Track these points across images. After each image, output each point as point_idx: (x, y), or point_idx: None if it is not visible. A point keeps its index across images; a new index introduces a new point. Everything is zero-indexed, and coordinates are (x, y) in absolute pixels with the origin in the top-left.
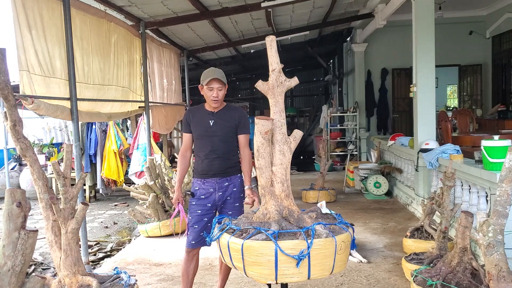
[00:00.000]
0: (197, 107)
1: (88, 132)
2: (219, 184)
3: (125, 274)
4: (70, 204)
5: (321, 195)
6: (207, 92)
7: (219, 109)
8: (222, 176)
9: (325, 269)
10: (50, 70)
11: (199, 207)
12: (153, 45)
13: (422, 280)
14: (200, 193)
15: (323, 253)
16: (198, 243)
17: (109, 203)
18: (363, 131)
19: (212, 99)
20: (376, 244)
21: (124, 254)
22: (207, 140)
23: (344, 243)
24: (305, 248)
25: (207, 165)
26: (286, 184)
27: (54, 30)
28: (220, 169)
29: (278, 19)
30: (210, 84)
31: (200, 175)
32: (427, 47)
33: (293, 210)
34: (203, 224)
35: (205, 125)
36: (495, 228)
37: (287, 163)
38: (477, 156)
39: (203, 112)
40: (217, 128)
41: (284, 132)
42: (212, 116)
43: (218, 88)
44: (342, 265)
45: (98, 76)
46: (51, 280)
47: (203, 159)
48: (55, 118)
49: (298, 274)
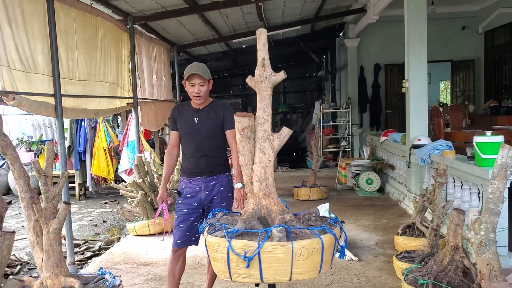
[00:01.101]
0: (184, 104)
1: (77, 129)
2: (205, 183)
3: (109, 275)
4: (51, 203)
5: (313, 192)
6: (189, 88)
7: (204, 105)
8: (208, 175)
9: (279, 274)
10: (32, 65)
11: (185, 206)
12: (142, 40)
13: (413, 279)
14: (186, 192)
15: (277, 257)
16: (184, 243)
17: (99, 201)
18: (356, 127)
19: (194, 95)
20: (368, 242)
21: (112, 253)
22: (192, 138)
23: (306, 250)
24: (250, 250)
25: (193, 164)
26: (265, 183)
27: (37, 24)
28: (206, 167)
29: (270, 14)
30: (191, 80)
31: (186, 173)
32: (419, 42)
33: (272, 209)
34: (189, 224)
35: (190, 122)
36: (487, 226)
37: (267, 161)
38: (469, 152)
39: (189, 109)
40: (202, 126)
41: (266, 129)
42: (196, 113)
43: (200, 84)
44: (307, 273)
45: (84, 71)
46: (33, 282)
47: (189, 157)
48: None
49: (249, 275)
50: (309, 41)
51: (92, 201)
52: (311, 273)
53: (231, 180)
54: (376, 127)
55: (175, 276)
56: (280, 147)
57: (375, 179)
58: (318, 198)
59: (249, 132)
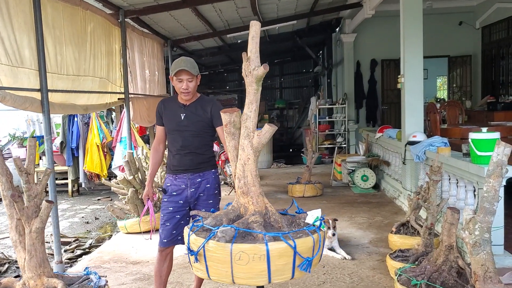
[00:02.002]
0: (170, 99)
1: (70, 125)
2: (191, 180)
3: (94, 275)
4: (34, 202)
5: (307, 189)
6: (176, 83)
7: (191, 101)
8: (194, 172)
9: (222, 274)
10: (18, 59)
11: (170, 204)
12: (134, 34)
13: (406, 279)
14: (172, 189)
15: (217, 257)
16: (171, 242)
17: (92, 197)
18: (352, 123)
19: (182, 91)
20: (361, 240)
21: (101, 251)
22: (178, 135)
23: (246, 254)
24: (197, 246)
25: (178, 161)
26: (243, 181)
27: (22, 17)
28: (192, 164)
29: (264, 8)
30: (179, 75)
31: (172, 170)
32: (415, 38)
33: (248, 208)
34: (175, 222)
35: (176, 119)
36: (481, 226)
37: (246, 158)
38: (465, 149)
39: (175, 104)
40: (188, 123)
41: (248, 126)
42: (183, 109)
43: (188, 80)
44: (250, 279)
45: (73, 66)
46: (15, 282)
47: (174, 154)
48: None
49: (200, 270)
50: (305, 36)
51: (85, 197)
52: (255, 280)
53: (218, 177)
54: (373, 123)
55: (162, 276)
56: (262, 145)
57: (370, 176)
58: (312, 195)
59: (233, 128)
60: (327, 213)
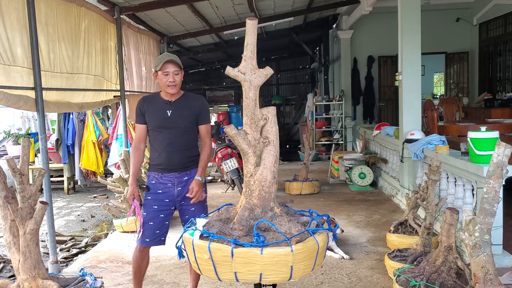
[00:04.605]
0: (152, 96)
1: (65, 122)
2: (178, 178)
3: (90, 277)
4: (28, 203)
5: (304, 187)
6: (162, 78)
7: (177, 97)
8: (181, 171)
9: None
10: (10, 58)
11: (155, 202)
12: (130, 31)
13: (405, 280)
14: (157, 187)
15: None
16: (153, 242)
17: (88, 195)
18: (349, 120)
19: (169, 84)
20: (360, 239)
21: (97, 251)
22: (165, 132)
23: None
24: None
25: (166, 159)
26: None
27: (15, 15)
28: (180, 163)
29: (261, 4)
30: (165, 69)
31: (157, 168)
32: (413, 34)
33: None
34: (159, 221)
35: (163, 115)
36: (481, 227)
37: None
38: (463, 148)
39: (160, 101)
40: (176, 119)
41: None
42: (169, 105)
43: (174, 72)
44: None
45: (66, 64)
46: (10, 284)
47: (161, 152)
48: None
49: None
50: (302, 33)
51: (81, 195)
52: None
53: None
54: (370, 119)
55: (142, 273)
56: None
57: (368, 173)
58: (310, 193)
59: None
60: (325, 211)
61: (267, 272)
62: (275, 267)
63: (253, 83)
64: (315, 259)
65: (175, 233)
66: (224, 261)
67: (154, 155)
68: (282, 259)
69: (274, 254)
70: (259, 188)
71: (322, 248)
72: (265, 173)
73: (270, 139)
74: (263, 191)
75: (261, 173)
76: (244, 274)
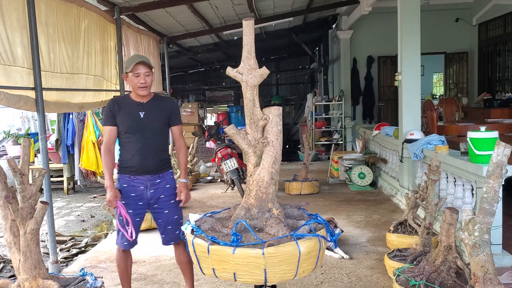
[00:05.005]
0: (123, 97)
1: (65, 122)
2: (151, 181)
3: (90, 277)
4: (28, 203)
5: (304, 187)
6: (133, 79)
7: (148, 99)
8: (154, 173)
9: None
10: (10, 58)
11: (130, 206)
12: (130, 31)
13: (404, 279)
14: (129, 190)
15: None
16: (131, 245)
17: (87, 195)
18: (349, 120)
19: (140, 85)
20: (359, 239)
21: (97, 250)
22: (139, 134)
23: None
24: None
25: (139, 161)
26: None
27: (15, 15)
28: (153, 166)
29: (261, 5)
30: (136, 70)
31: (129, 171)
32: (412, 35)
33: None
34: (135, 224)
35: (135, 117)
36: (481, 227)
37: None
38: (463, 147)
39: (131, 103)
40: (149, 121)
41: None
42: (141, 107)
43: (145, 74)
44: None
45: (66, 64)
46: (10, 284)
47: (134, 154)
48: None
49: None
50: (302, 33)
51: (81, 195)
52: None
53: (174, 177)
54: (369, 119)
55: (129, 272)
56: None
57: (367, 173)
58: (309, 193)
59: None
60: (325, 211)
61: (240, 272)
62: (248, 268)
63: (249, 83)
64: (296, 265)
65: None
66: (204, 256)
67: (126, 158)
68: (253, 261)
69: (245, 255)
70: (256, 188)
71: (308, 255)
72: (263, 173)
73: (269, 140)
74: (260, 192)
75: (259, 173)
76: (220, 272)
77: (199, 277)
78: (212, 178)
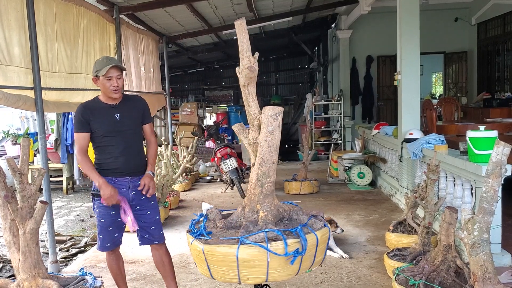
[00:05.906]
0: (92, 102)
1: (64, 122)
2: (132, 183)
3: (90, 276)
4: (28, 202)
5: (304, 186)
6: (105, 82)
7: (119, 100)
8: (136, 175)
9: None
10: (7, 57)
11: (111, 208)
12: (129, 31)
13: (404, 279)
14: None
15: None
16: (114, 245)
17: (87, 195)
18: (348, 120)
19: (112, 89)
20: (359, 238)
21: (97, 250)
22: (119, 136)
23: None
24: None
25: (123, 163)
26: None
27: (14, 15)
28: (136, 166)
29: (260, 4)
30: (108, 74)
31: (112, 173)
32: (411, 34)
33: None
34: (117, 225)
35: (111, 119)
36: (480, 226)
37: None
38: (462, 147)
39: (103, 106)
40: (126, 121)
41: None
42: (115, 109)
43: (117, 77)
44: None
45: (65, 64)
46: (10, 284)
47: (117, 156)
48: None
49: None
50: (301, 33)
51: (80, 195)
52: None
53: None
54: (368, 119)
55: (123, 273)
56: None
57: (367, 173)
58: (309, 192)
59: None
60: (324, 211)
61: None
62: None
63: (240, 82)
64: (236, 269)
65: (175, 232)
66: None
67: (108, 160)
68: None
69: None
70: (248, 188)
71: (246, 262)
72: (252, 174)
73: (258, 140)
74: (250, 192)
75: (251, 173)
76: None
77: (199, 276)
78: (212, 178)
